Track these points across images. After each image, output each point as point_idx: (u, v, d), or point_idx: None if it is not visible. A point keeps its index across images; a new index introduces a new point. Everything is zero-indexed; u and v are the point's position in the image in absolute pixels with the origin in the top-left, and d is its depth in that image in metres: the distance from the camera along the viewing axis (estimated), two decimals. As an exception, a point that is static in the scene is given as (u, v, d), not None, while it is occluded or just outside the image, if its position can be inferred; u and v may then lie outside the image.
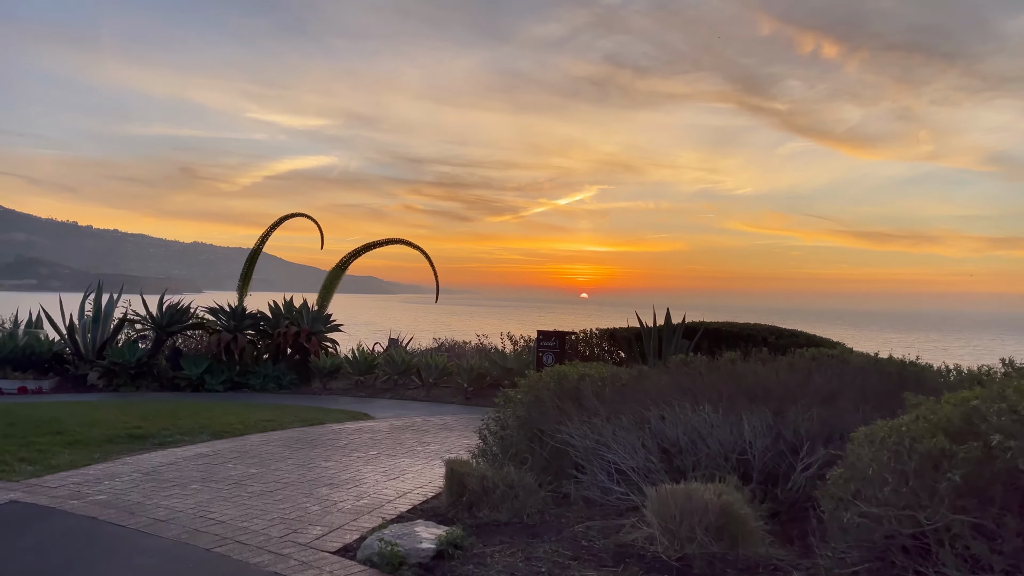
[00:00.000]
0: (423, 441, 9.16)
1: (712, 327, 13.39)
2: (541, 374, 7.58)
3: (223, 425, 9.47)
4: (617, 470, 6.07)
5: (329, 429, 9.75)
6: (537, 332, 13.38)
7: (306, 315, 15.38)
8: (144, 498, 6.02)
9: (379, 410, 11.91)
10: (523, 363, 13.04)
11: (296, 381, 14.80)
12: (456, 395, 13.63)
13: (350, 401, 13.12)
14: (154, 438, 8.55)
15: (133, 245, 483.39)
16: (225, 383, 14.50)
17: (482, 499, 5.90)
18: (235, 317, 15.24)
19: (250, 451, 8.12)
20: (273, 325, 15.41)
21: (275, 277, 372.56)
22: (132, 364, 14.32)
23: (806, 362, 7.19)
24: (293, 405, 12.11)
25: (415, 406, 12.60)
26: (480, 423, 10.34)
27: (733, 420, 5.97)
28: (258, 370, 14.74)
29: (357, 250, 15.84)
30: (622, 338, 14.09)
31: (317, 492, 6.44)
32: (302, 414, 10.83)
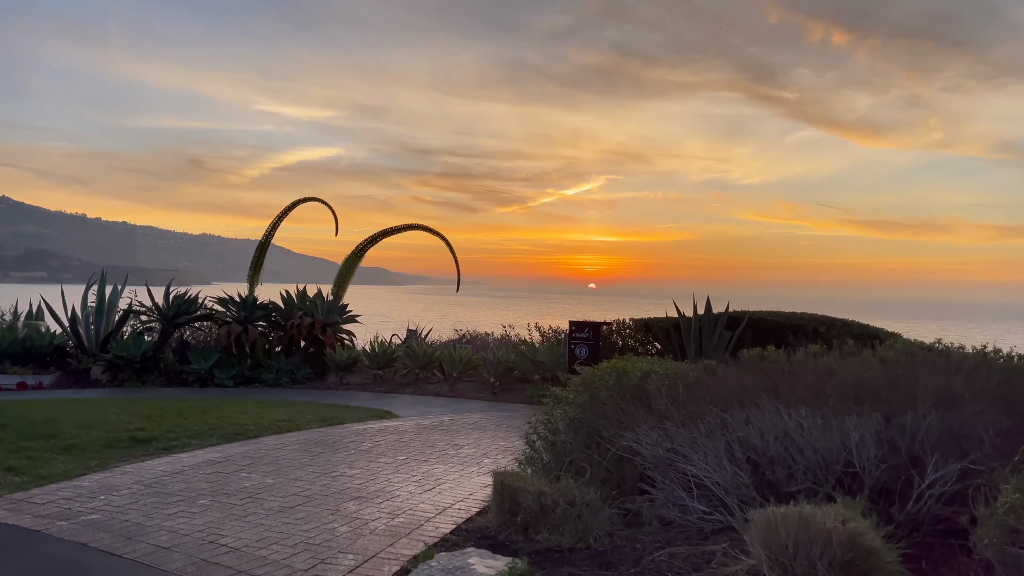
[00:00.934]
0: (455, 443, 8.30)
1: (756, 317, 12.47)
2: (596, 369, 6.69)
3: (234, 426, 8.62)
4: (696, 484, 5.19)
5: (350, 430, 8.90)
6: (569, 323, 12.49)
7: (321, 305, 14.53)
8: (145, 518, 5.17)
9: (401, 407, 11.06)
10: (555, 356, 12.16)
11: (311, 375, 13.97)
12: (482, 390, 12.76)
13: (369, 397, 12.27)
14: (158, 442, 7.70)
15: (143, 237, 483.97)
16: (235, 378, 13.68)
17: (539, 519, 5.03)
18: (246, 308, 14.41)
19: (265, 456, 7.27)
20: (286, 316, 14.57)
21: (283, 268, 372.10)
22: (137, 358, 13.50)
23: (905, 357, 6.28)
24: (309, 402, 11.27)
25: (439, 402, 11.75)
26: (523, 424, 9.49)
27: (833, 425, 5.07)
28: (270, 364, 13.90)
29: (374, 236, 14.97)
30: (659, 329, 13.19)
31: (344, 508, 5.58)
32: (319, 412, 9.99)
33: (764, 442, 5.17)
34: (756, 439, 5.20)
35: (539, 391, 11.75)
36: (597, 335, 12.26)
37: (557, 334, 13.92)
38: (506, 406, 11.41)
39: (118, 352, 13.53)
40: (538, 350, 12.13)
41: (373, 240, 14.97)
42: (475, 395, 12.43)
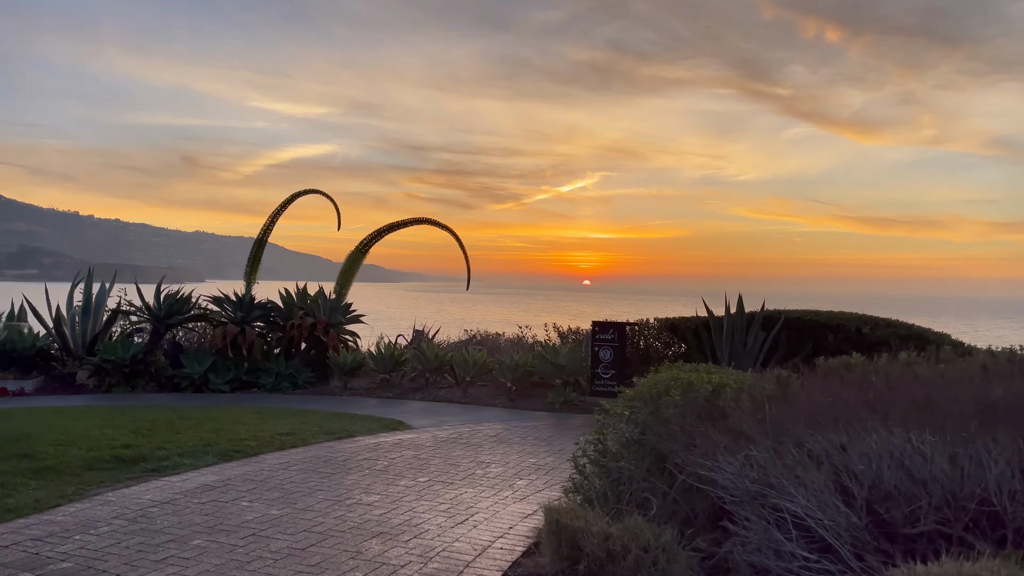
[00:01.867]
0: (480, 460, 7.41)
1: (792, 317, 11.60)
2: (653, 379, 5.81)
3: (232, 441, 7.72)
4: (795, 523, 4.32)
5: (362, 444, 8.00)
6: (592, 324, 11.61)
7: (323, 305, 13.62)
8: (127, 567, 4.27)
9: (413, 416, 10.16)
10: (577, 360, 11.28)
11: (312, 379, 13.06)
12: (497, 396, 11.87)
13: (376, 404, 11.37)
14: (147, 462, 6.79)
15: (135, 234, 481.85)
16: (232, 383, 12.77)
17: (606, 567, 4.16)
18: (243, 307, 13.49)
19: (269, 479, 6.37)
20: (285, 316, 13.66)
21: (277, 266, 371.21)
22: (126, 361, 12.58)
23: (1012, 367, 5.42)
24: (313, 411, 10.36)
25: (453, 410, 10.85)
26: (551, 436, 8.62)
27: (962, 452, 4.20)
28: (269, 367, 12.99)
29: (379, 231, 14.04)
30: (685, 330, 12.31)
31: (366, 548, 4.69)
32: (326, 423, 9.09)
33: (875, 473, 4.30)
34: (866, 469, 4.33)
35: (561, 397, 10.88)
36: (623, 336, 11.38)
37: (576, 335, 13.04)
38: (526, 414, 10.53)
39: (105, 355, 12.61)
40: (559, 353, 11.25)
41: (379, 235, 14.05)
42: (490, 401, 11.54)
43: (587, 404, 11.10)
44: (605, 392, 11.28)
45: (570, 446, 8.18)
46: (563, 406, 10.80)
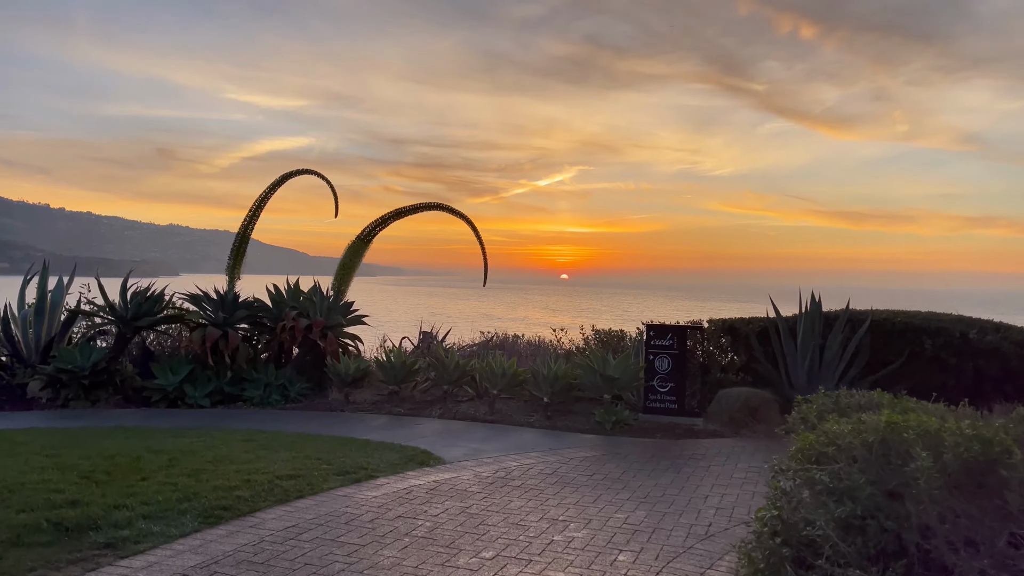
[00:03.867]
0: (551, 517, 5.56)
1: (880, 317, 9.85)
2: (877, 423, 3.98)
3: (218, 491, 5.80)
4: None
5: (389, 492, 6.11)
6: (646, 327, 9.78)
7: (319, 303, 11.67)
8: None
9: (438, 441, 8.28)
10: (631, 371, 9.43)
11: (307, 391, 11.13)
12: (530, 412, 10.02)
13: (388, 424, 9.47)
14: (99, 530, 4.86)
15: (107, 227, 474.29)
16: (212, 395, 10.80)
17: None
18: (225, 306, 11.52)
19: (273, 560, 4.47)
20: (275, 317, 11.70)
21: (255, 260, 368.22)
22: (85, 371, 10.57)
23: None
24: (314, 435, 8.45)
25: (481, 432, 8.98)
26: (623, 474, 6.71)
27: None
28: (257, 377, 11.04)
29: (385, 218, 12.08)
30: (748, 334, 10.54)
31: None
32: (335, 455, 7.19)
33: None
34: None
35: (612, 416, 9.06)
36: (683, 343, 9.56)
37: (618, 337, 11.21)
38: (572, 438, 8.69)
39: (61, 363, 10.60)
40: (608, 362, 9.40)
41: (384, 222, 12.08)
42: (523, 419, 9.67)
43: (642, 425, 9.28)
44: (662, 409, 9.47)
45: (655, 491, 6.36)
46: (615, 427, 8.97)
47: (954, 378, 9.42)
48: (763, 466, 7.39)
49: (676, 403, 9.47)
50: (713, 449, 8.13)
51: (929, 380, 9.50)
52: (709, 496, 6.28)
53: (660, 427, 9.20)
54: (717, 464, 7.45)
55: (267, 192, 12.00)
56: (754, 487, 6.62)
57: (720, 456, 7.80)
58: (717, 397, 9.54)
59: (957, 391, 9.48)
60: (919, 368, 9.52)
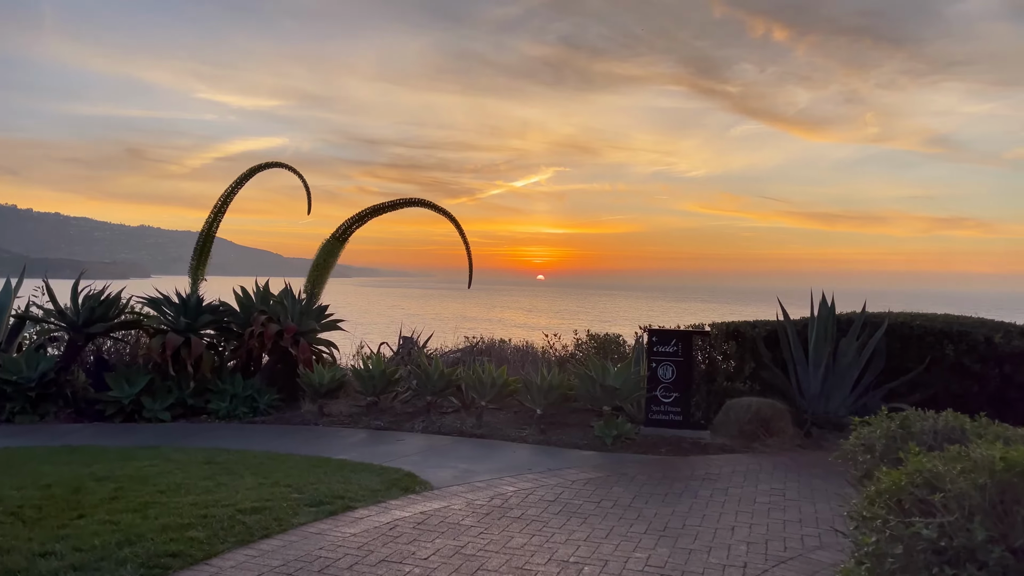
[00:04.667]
0: (560, 558, 4.76)
1: (899, 321, 9.16)
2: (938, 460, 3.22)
3: (167, 529, 4.93)
4: None
5: (369, 527, 5.27)
6: (647, 332, 9.01)
7: (291, 307, 10.78)
8: None
9: (424, 461, 7.45)
10: (633, 381, 8.65)
11: (278, 402, 10.24)
12: (521, 424, 9.22)
13: (367, 440, 8.63)
14: (15, 590, 4.00)
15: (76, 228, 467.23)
16: (173, 408, 9.88)
17: None
18: (188, 310, 10.59)
19: (229, 628, 3.63)
20: (243, 322, 10.80)
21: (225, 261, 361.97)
22: (32, 382, 9.61)
23: None
24: (284, 455, 7.58)
25: (470, 448, 8.16)
26: (634, 499, 5.98)
27: None
28: (223, 388, 10.13)
29: (363, 214, 11.19)
30: (752, 338, 9.82)
31: None
32: (306, 481, 6.34)
33: None
34: None
35: (613, 430, 8.28)
36: (688, 350, 8.81)
37: (612, 344, 10.44)
38: (571, 455, 7.90)
39: (5, 374, 9.63)
40: (608, 371, 8.61)
41: (361, 219, 11.19)
42: (514, 433, 8.86)
43: (645, 439, 8.51)
44: (666, 422, 8.71)
45: (673, 521, 5.58)
46: (616, 442, 8.19)
47: (977, 385, 8.77)
48: (786, 487, 6.66)
49: (681, 415, 8.72)
50: (727, 467, 7.37)
51: (951, 387, 8.84)
52: (736, 527, 5.51)
53: (664, 441, 8.44)
54: (735, 486, 6.69)
55: (234, 186, 11.09)
56: (783, 514, 5.87)
57: (737, 476, 7.04)
58: (725, 408, 8.80)
59: (980, 399, 8.82)
60: (939, 375, 8.84)
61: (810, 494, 6.45)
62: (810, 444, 8.51)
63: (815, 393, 9.05)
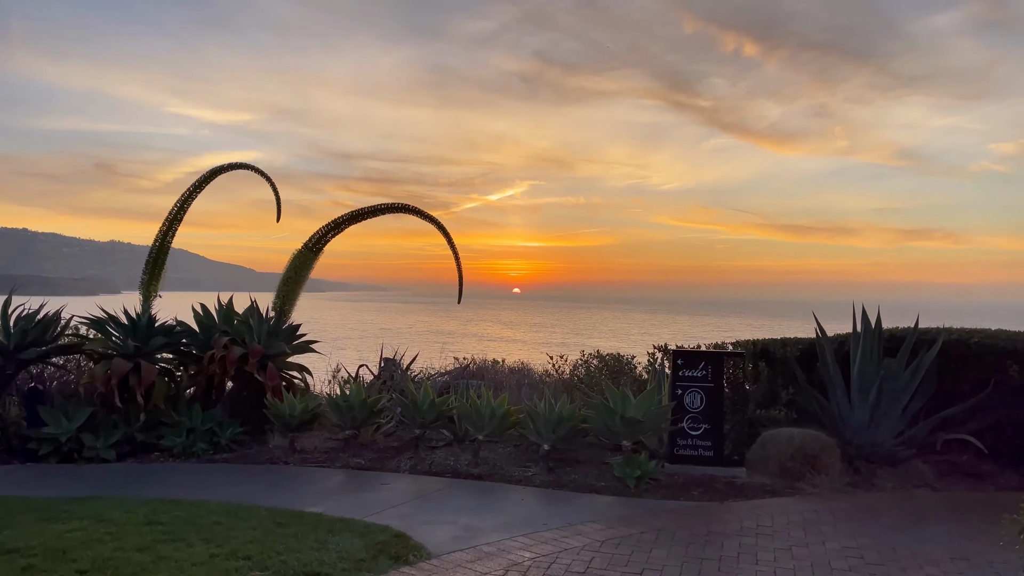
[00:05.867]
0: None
1: (953, 338, 8.06)
2: None
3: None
4: None
5: (353, 623, 4.00)
6: (672, 354, 7.81)
7: (257, 327, 9.46)
8: None
9: (418, 514, 6.18)
10: (656, 412, 7.41)
11: (242, 436, 8.92)
12: (526, 461, 7.99)
13: (346, 483, 7.35)
14: None
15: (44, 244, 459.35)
16: (119, 446, 8.52)
17: None
18: (138, 332, 9.23)
19: None
20: (203, 344, 9.46)
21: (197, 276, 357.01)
22: (-48, 419, 8.22)
23: None
24: (248, 506, 6.27)
25: (469, 495, 6.90)
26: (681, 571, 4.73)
27: None
28: (178, 420, 8.79)
29: (339, 221, 9.89)
30: (783, 359, 8.68)
31: None
32: (273, 549, 5.05)
33: None
34: None
35: (636, 469, 7.06)
36: (719, 374, 7.63)
37: (621, 365, 9.24)
38: (590, 503, 6.67)
39: (-80, 409, 8.23)
40: (628, 400, 7.39)
41: (337, 227, 9.89)
42: (518, 472, 7.61)
43: (672, 479, 7.31)
44: (694, 458, 7.52)
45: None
46: (639, 484, 6.97)
47: (1048, 411, 7.69)
48: (860, 546, 5.47)
49: (712, 449, 7.53)
50: (779, 516, 6.17)
51: (1015, 413, 7.75)
52: (823, 610, 4.31)
53: (695, 481, 7.24)
54: (798, 543, 5.50)
55: (192, 190, 9.75)
56: (873, 587, 4.69)
57: (794, 529, 5.85)
58: (761, 441, 7.62)
59: (1049, 427, 7.76)
60: (1001, 399, 7.75)
61: (892, 555, 5.27)
62: (861, 483, 7.35)
63: (861, 422, 7.91)
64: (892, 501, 6.79)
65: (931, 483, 7.44)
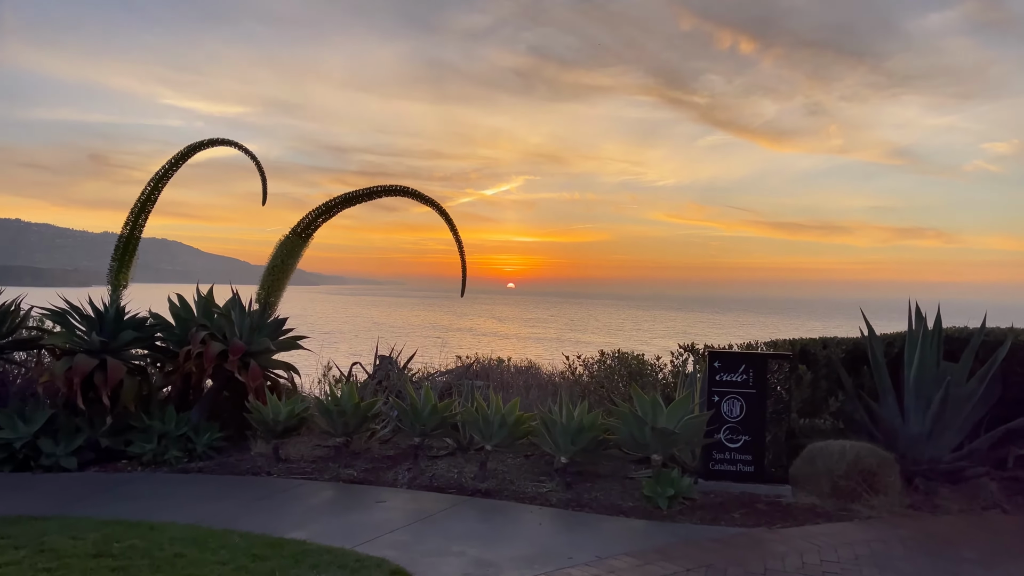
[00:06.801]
0: None
1: (1021, 340, 7.17)
2: None
3: None
4: None
5: None
6: (708, 355, 6.88)
7: (239, 321, 8.51)
8: None
9: (419, 542, 5.27)
10: (693, 422, 6.48)
11: (221, 442, 7.98)
12: (539, 474, 7.08)
13: (335, 500, 6.44)
14: None
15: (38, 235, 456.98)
16: (83, 452, 7.58)
17: None
18: (104, 325, 8.27)
19: None
20: (179, 339, 8.52)
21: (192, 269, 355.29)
22: None
23: None
24: (220, 531, 5.35)
25: (476, 516, 5.99)
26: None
27: None
28: (149, 424, 7.84)
29: (331, 204, 8.93)
30: (828, 362, 7.78)
31: None
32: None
33: None
34: None
35: (668, 487, 6.14)
36: (762, 378, 6.71)
37: (651, 369, 8.32)
38: (617, 527, 5.76)
39: None
40: (659, 408, 6.46)
41: (329, 210, 8.94)
42: (531, 488, 6.71)
43: (709, 498, 6.40)
44: (732, 474, 6.60)
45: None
46: (672, 505, 6.06)
47: None
48: (949, 588, 4.57)
49: (753, 464, 6.62)
50: (843, 549, 5.27)
51: (1093, 427, 6.87)
52: None
53: (734, 501, 6.34)
54: (875, 585, 4.60)
55: (168, 168, 8.77)
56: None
57: (867, 566, 4.94)
58: (808, 454, 6.71)
59: None
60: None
61: (993, 602, 4.38)
62: (924, 504, 6.44)
63: (918, 434, 7.01)
64: (965, 527, 5.89)
65: (1001, 504, 6.55)
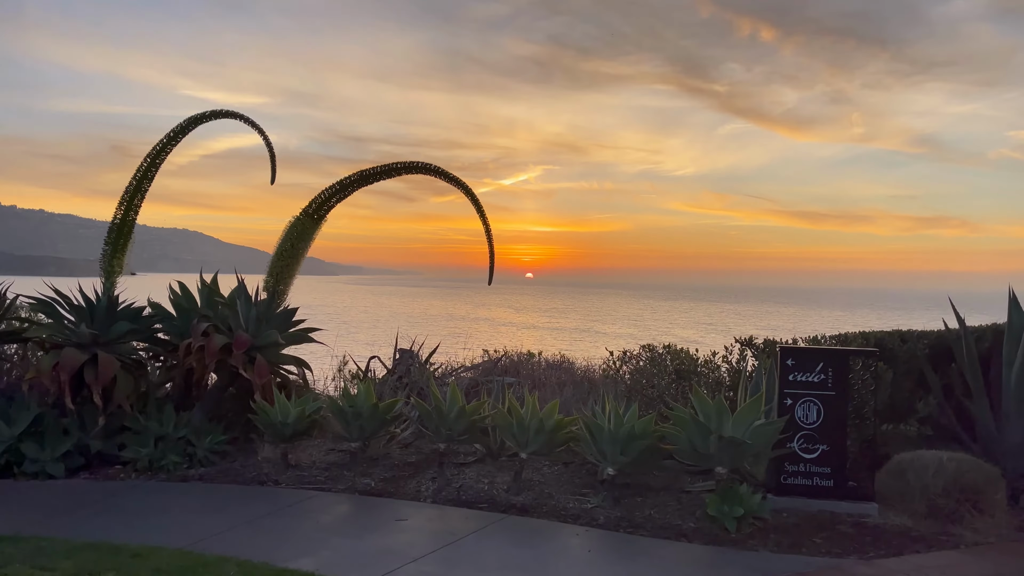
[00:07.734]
0: None
1: None
2: None
3: None
4: None
5: None
6: (779, 350, 5.96)
7: (245, 312, 7.69)
8: None
9: (446, 574, 4.43)
10: (765, 431, 5.57)
11: (224, 446, 7.17)
12: (581, 487, 6.22)
13: (349, 517, 5.61)
14: None
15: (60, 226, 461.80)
16: (71, 457, 6.80)
17: None
18: (96, 316, 7.48)
19: None
20: (180, 331, 7.72)
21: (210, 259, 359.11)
22: None
23: None
24: (213, 558, 4.52)
25: (512, 541, 5.14)
26: None
27: None
28: (146, 425, 7.05)
29: (345, 183, 8.05)
30: (909, 358, 6.83)
31: None
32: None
33: None
34: None
35: (738, 505, 5.24)
36: (842, 377, 5.78)
37: (706, 368, 7.41)
38: (679, 555, 4.88)
39: None
40: (725, 413, 5.56)
41: (344, 189, 8.05)
42: (572, 503, 5.84)
43: (782, 519, 5.49)
44: (808, 489, 5.69)
45: None
46: (740, 526, 5.18)
47: None
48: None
49: (832, 477, 5.72)
50: (960, 588, 4.36)
51: None
52: None
53: (811, 522, 5.44)
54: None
55: (166, 143, 7.95)
56: None
57: (995, 612, 4.04)
58: (896, 467, 5.79)
59: None
60: None
61: None
62: (1033, 526, 5.52)
63: (1020, 443, 6.07)
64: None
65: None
